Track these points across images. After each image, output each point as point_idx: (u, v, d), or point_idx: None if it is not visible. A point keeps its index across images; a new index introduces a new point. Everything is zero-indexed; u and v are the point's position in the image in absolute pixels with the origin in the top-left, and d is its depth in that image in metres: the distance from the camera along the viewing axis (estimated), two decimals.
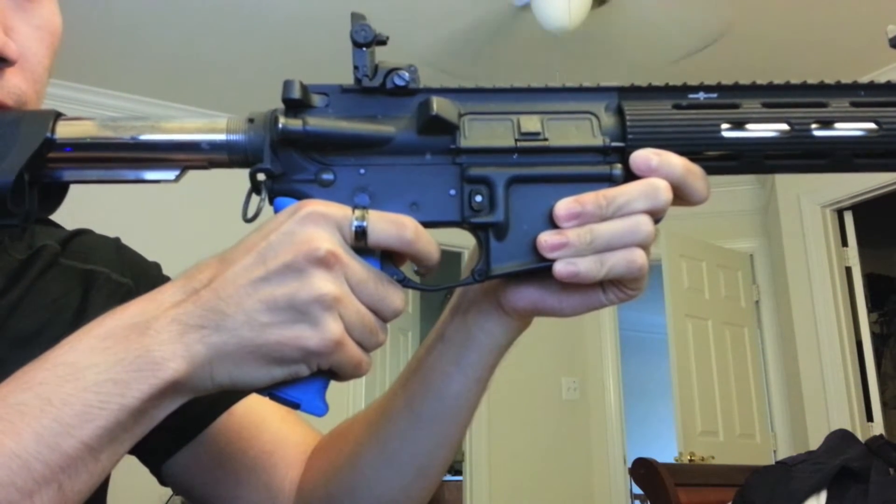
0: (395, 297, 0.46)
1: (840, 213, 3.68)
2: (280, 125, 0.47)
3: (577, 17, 2.62)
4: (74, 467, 0.40)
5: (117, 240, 0.75)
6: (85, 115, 0.51)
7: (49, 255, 0.66)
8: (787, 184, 3.73)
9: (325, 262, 0.42)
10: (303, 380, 0.45)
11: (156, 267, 0.75)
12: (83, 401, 0.40)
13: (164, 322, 0.42)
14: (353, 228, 0.44)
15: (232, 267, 0.43)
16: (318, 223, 0.43)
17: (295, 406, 0.46)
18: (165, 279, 0.74)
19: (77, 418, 0.39)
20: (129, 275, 0.71)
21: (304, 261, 0.42)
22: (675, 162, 0.48)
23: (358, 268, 0.44)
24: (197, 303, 0.42)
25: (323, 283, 0.42)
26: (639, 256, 0.47)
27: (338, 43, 2.87)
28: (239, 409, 0.69)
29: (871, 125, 0.49)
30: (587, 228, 0.47)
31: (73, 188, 0.51)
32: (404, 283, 0.47)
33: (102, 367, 0.40)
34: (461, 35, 3.04)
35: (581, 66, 3.27)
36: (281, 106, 0.48)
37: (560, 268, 0.46)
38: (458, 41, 3.06)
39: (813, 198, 3.64)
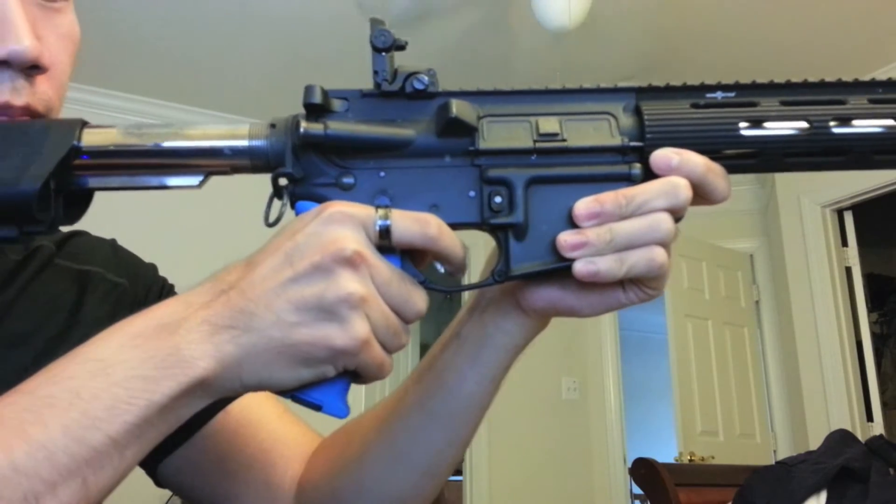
0: (419, 298, 0.46)
1: (840, 213, 3.68)
2: (301, 129, 0.47)
3: (577, 18, 2.63)
4: (99, 462, 0.40)
5: (113, 241, 0.75)
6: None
7: (45, 256, 0.66)
8: (787, 184, 3.73)
9: (351, 262, 0.43)
10: (325, 381, 0.45)
11: (152, 268, 0.76)
12: (112, 395, 0.40)
13: (194, 322, 0.42)
14: (378, 227, 0.44)
15: (259, 268, 0.43)
16: (343, 223, 0.44)
17: (317, 408, 0.46)
18: (161, 280, 0.75)
19: (105, 412, 0.40)
20: (125, 275, 0.71)
21: (331, 261, 0.42)
22: (697, 160, 0.48)
23: (383, 268, 0.44)
24: (227, 304, 0.43)
25: (350, 283, 0.42)
26: (659, 255, 0.47)
27: (345, 43, 2.88)
28: (235, 407, 0.69)
29: (891, 121, 0.50)
30: (607, 227, 0.47)
31: (100, 197, 0.51)
32: (425, 284, 0.48)
33: (132, 363, 0.41)
34: (454, 30, 3.04)
35: (573, 61, 3.29)
36: (293, 110, 0.49)
37: (580, 267, 0.46)
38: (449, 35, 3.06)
39: (813, 198, 3.64)
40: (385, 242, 0.45)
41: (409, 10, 2.86)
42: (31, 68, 0.53)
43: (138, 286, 0.71)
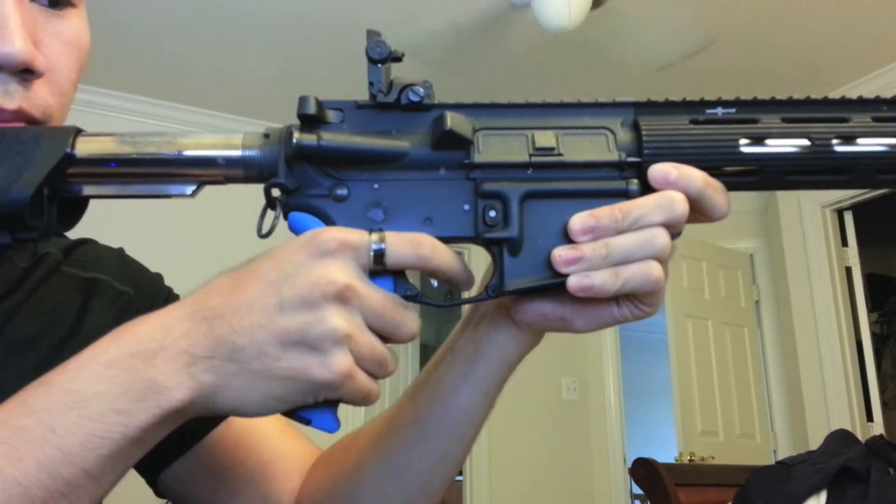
0: (411, 321, 0.45)
1: (840, 213, 3.68)
2: (294, 140, 0.47)
3: (576, 18, 2.62)
4: (75, 493, 0.40)
5: (121, 250, 0.75)
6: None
7: (51, 263, 0.66)
8: None
9: (341, 297, 0.42)
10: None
11: (157, 277, 0.75)
12: (87, 430, 0.40)
13: (172, 352, 0.42)
14: (372, 253, 0.44)
15: (245, 296, 0.42)
16: (335, 255, 0.43)
17: (306, 422, 0.45)
18: (167, 289, 0.74)
19: (80, 447, 0.40)
20: (131, 284, 0.71)
21: (320, 297, 0.41)
22: (695, 175, 0.47)
23: (375, 297, 0.43)
24: (209, 334, 0.42)
25: (336, 319, 0.42)
26: (654, 269, 0.46)
27: (344, 43, 2.89)
28: (236, 419, 0.68)
29: (895, 140, 0.49)
30: (602, 242, 0.46)
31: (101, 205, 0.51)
32: (418, 298, 0.47)
33: (107, 396, 0.40)
34: (453, 29, 3.04)
35: (573, 67, 3.28)
36: (292, 110, 0.48)
37: (574, 281, 0.46)
38: (449, 35, 3.07)
39: (813, 198, 3.65)
40: (379, 267, 0.44)
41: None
42: (25, 72, 0.52)
43: (143, 295, 0.71)
